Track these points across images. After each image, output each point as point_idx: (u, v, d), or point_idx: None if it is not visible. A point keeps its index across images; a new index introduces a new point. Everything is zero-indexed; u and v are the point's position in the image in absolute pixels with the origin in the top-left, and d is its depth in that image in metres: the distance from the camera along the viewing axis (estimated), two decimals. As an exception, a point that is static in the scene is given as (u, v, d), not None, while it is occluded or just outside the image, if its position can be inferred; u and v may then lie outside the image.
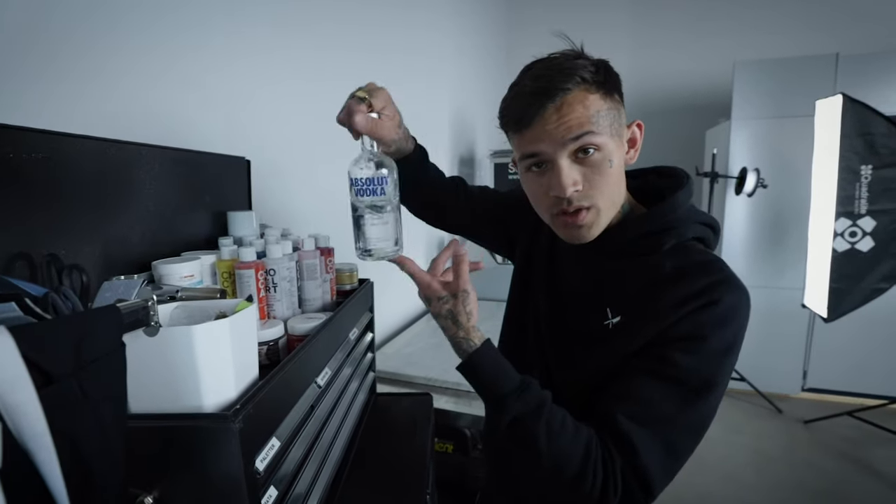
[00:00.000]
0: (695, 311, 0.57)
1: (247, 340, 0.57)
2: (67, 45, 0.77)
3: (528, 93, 0.59)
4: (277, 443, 0.58)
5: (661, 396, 0.56)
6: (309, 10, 1.47)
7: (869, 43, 3.15)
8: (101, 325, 0.42)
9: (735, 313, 0.57)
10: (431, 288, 0.65)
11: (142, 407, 0.50)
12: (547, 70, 0.58)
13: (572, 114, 0.57)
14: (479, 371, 0.62)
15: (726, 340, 0.57)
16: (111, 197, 0.74)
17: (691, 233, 0.64)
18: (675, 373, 0.56)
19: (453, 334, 0.64)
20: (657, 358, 0.58)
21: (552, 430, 0.56)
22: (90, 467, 0.40)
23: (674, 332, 0.58)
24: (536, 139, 0.59)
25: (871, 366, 2.79)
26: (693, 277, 0.59)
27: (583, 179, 0.59)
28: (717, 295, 0.57)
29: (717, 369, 0.57)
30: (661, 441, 0.55)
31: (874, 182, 2.24)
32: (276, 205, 1.32)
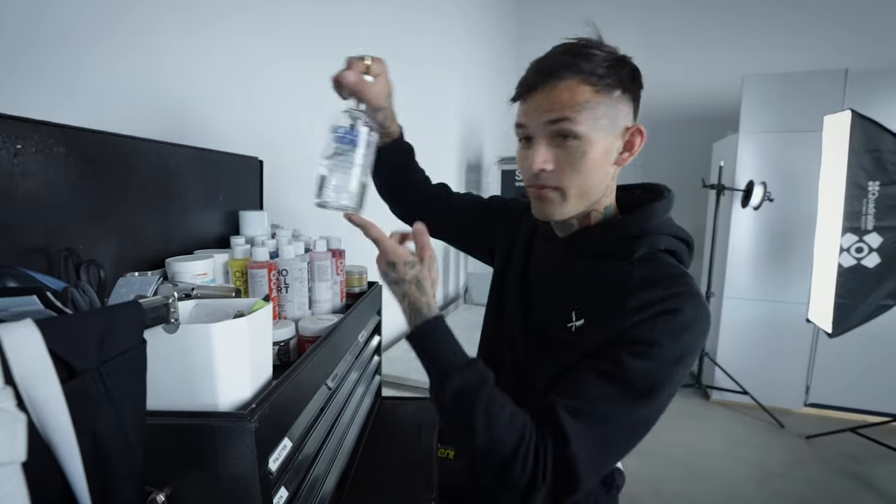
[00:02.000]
0: (653, 316, 0.58)
1: (262, 340, 0.57)
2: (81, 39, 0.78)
3: (534, 71, 0.63)
4: (289, 443, 0.58)
5: (603, 395, 0.57)
6: (320, 13, 1.48)
7: (878, 59, 3.15)
8: (124, 320, 0.42)
9: (692, 326, 0.58)
10: (398, 252, 0.63)
11: (157, 404, 0.50)
12: (557, 54, 0.62)
13: (557, 98, 0.60)
14: (432, 339, 0.62)
15: (678, 350, 0.58)
16: (127, 193, 0.75)
17: (664, 244, 0.65)
18: (623, 374, 0.57)
19: (415, 299, 0.63)
20: (608, 358, 0.58)
21: (490, 410, 0.56)
22: (111, 463, 0.40)
23: (629, 334, 0.59)
24: (526, 112, 0.64)
25: (875, 382, 2.78)
26: (659, 286, 0.60)
27: (554, 161, 0.62)
28: (678, 305, 0.58)
29: (665, 377, 0.57)
30: (596, 436, 0.56)
31: (881, 198, 2.24)
32: (287, 205, 1.32)
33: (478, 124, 3.24)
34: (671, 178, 4.01)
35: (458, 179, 3.04)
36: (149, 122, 0.89)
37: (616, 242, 0.66)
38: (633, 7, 3.83)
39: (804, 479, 2.28)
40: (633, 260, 0.64)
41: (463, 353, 0.62)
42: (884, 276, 2.27)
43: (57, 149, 0.61)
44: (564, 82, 0.60)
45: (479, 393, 0.57)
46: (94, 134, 0.68)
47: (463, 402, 0.57)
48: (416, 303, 0.63)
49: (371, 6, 1.78)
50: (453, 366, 0.60)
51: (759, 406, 2.85)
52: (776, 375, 2.91)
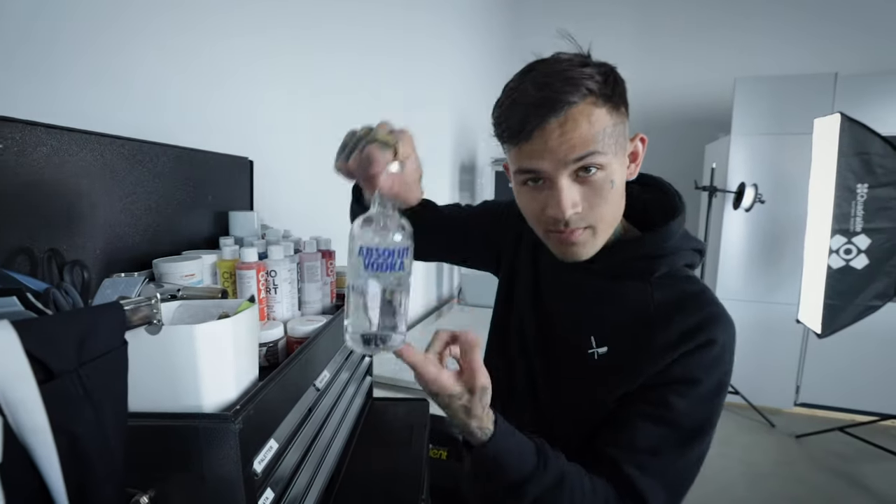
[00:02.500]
0: (689, 352, 0.58)
1: (248, 341, 0.57)
2: (71, 39, 0.77)
3: (529, 102, 0.53)
4: (275, 445, 0.58)
5: (661, 443, 0.57)
6: (313, 12, 1.48)
7: (868, 63, 3.19)
8: (104, 322, 0.42)
9: (726, 352, 0.59)
10: (440, 383, 0.51)
11: (141, 405, 0.49)
12: (550, 78, 0.53)
13: (577, 130, 0.52)
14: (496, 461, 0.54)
15: (718, 380, 0.58)
16: (113, 193, 0.74)
17: (682, 260, 0.64)
18: (673, 416, 0.57)
19: (464, 423, 0.54)
20: (654, 402, 0.58)
21: (574, 500, 0.55)
22: (89, 465, 0.39)
23: (669, 374, 0.58)
24: (536, 155, 0.54)
25: (863, 382, 2.80)
26: (685, 313, 0.59)
27: (582, 200, 0.56)
28: (711, 335, 0.58)
29: (712, 409, 0.59)
30: (666, 486, 0.57)
31: (870, 201, 2.26)
32: (278, 206, 1.31)
33: (472, 125, 3.24)
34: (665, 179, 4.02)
35: (452, 181, 3.04)
36: (138, 121, 0.88)
37: (633, 263, 0.63)
38: (626, 10, 3.85)
39: (794, 478, 2.30)
40: (651, 280, 0.63)
41: (530, 456, 0.55)
42: (872, 278, 2.30)
43: (41, 148, 0.61)
44: (577, 108, 0.52)
45: (560, 492, 0.55)
46: (79, 134, 0.67)
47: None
48: (470, 428, 0.54)
49: (364, 4, 1.78)
50: (525, 476, 0.54)
51: (750, 406, 2.87)
52: (767, 375, 2.93)
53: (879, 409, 2.67)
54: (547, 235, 0.62)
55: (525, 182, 0.59)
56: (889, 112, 2.59)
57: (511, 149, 0.58)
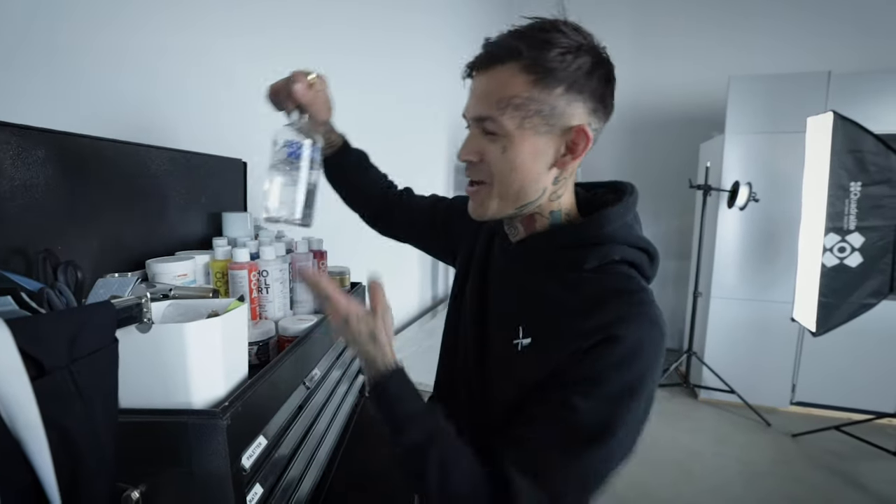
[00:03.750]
0: (595, 346, 0.54)
1: (237, 339, 0.58)
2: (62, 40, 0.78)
3: (482, 49, 0.59)
4: (264, 441, 0.59)
5: (552, 442, 0.53)
6: (308, 13, 1.49)
7: (861, 61, 3.21)
8: (96, 320, 0.43)
9: (638, 352, 0.53)
10: (350, 307, 0.60)
11: (132, 402, 0.51)
12: (512, 31, 0.57)
13: (486, 87, 0.57)
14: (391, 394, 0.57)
15: (627, 382, 0.53)
16: (107, 195, 0.76)
17: (619, 254, 0.59)
18: (570, 417, 0.53)
19: (371, 355, 0.59)
20: (552, 400, 0.55)
21: (444, 466, 0.53)
22: (80, 459, 0.41)
23: (574, 371, 0.55)
24: (469, 97, 0.60)
25: (859, 381, 2.82)
26: (604, 310, 0.55)
27: (479, 154, 0.60)
28: (620, 332, 0.53)
29: (617, 413, 0.53)
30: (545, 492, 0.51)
31: (863, 199, 2.27)
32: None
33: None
34: (659, 179, 4.03)
35: (447, 181, 3.06)
36: (132, 124, 0.90)
37: (563, 252, 0.61)
38: (622, 10, 3.87)
39: (790, 476, 2.31)
40: (584, 270, 0.59)
41: (419, 405, 0.58)
42: (866, 276, 2.31)
43: (37, 152, 0.62)
44: (502, 68, 0.56)
45: (432, 448, 0.54)
46: (74, 137, 0.69)
47: (417, 457, 0.54)
48: (373, 360, 0.59)
49: (359, 4, 1.80)
50: (408, 420, 0.56)
51: (746, 405, 2.88)
52: (763, 374, 2.95)
53: (875, 408, 2.68)
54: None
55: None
56: (882, 110, 2.61)
57: None
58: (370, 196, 0.91)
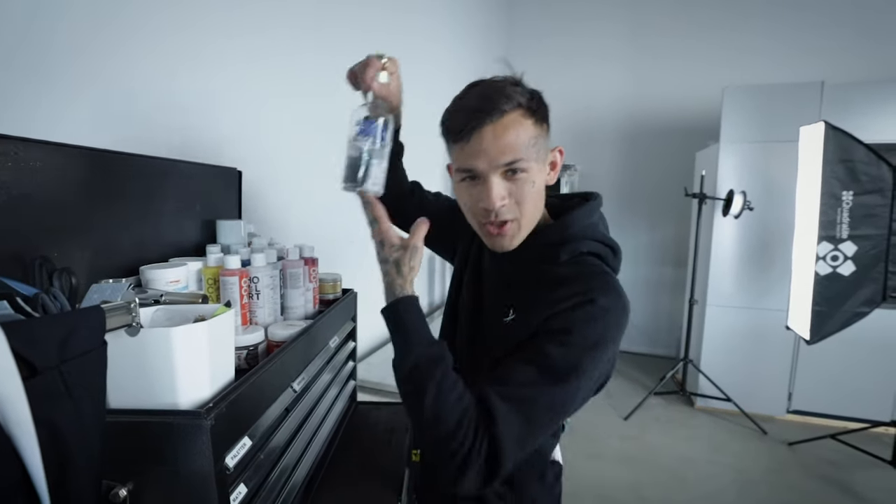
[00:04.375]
0: (569, 308, 0.64)
1: (223, 344, 0.61)
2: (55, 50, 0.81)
3: (470, 108, 0.65)
4: (249, 442, 0.62)
5: (527, 379, 0.62)
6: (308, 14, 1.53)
7: (854, 72, 3.24)
8: (86, 323, 0.46)
9: (605, 313, 0.64)
10: (389, 234, 0.70)
11: (121, 402, 0.53)
12: (489, 90, 0.65)
13: (506, 136, 0.63)
14: (399, 315, 0.67)
15: (593, 337, 0.63)
16: (103, 204, 0.78)
17: (585, 248, 0.71)
18: (544, 361, 0.63)
19: (392, 279, 0.69)
20: (532, 347, 0.65)
21: (442, 386, 0.61)
22: (69, 456, 0.43)
23: (549, 325, 0.65)
24: (473, 155, 0.65)
25: (854, 389, 2.82)
26: (578, 282, 0.67)
27: (509, 195, 0.67)
28: (593, 296, 0.64)
29: (583, 360, 0.63)
30: (519, 416, 0.60)
31: (855, 208, 2.29)
32: (267, 215, 1.36)
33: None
34: (656, 187, 4.05)
35: (446, 187, 3.09)
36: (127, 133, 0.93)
37: (542, 249, 0.72)
38: (617, 25, 3.92)
39: (786, 485, 2.31)
40: (559, 263, 0.71)
41: (427, 332, 0.67)
42: (859, 284, 2.32)
43: (34, 163, 0.65)
44: (509, 117, 0.64)
45: (435, 368, 0.63)
46: (70, 149, 0.71)
47: (419, 375, 0.62)
48: (393, 283, 0.69)
49: (358, 9, 1.83)
50: (416, 341, 0.65)
51: (742, 413, 2.88)
52: (759, 382, 2.95)
53: (871, 417, 2.69)
54: (480, 228, 0.72)
55: (463, 179, 0.70)
56: (874, 120, 2.63)
57: (454, 148, 0.69)
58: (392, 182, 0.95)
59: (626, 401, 3.11)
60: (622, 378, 3.59)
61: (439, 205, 1.00)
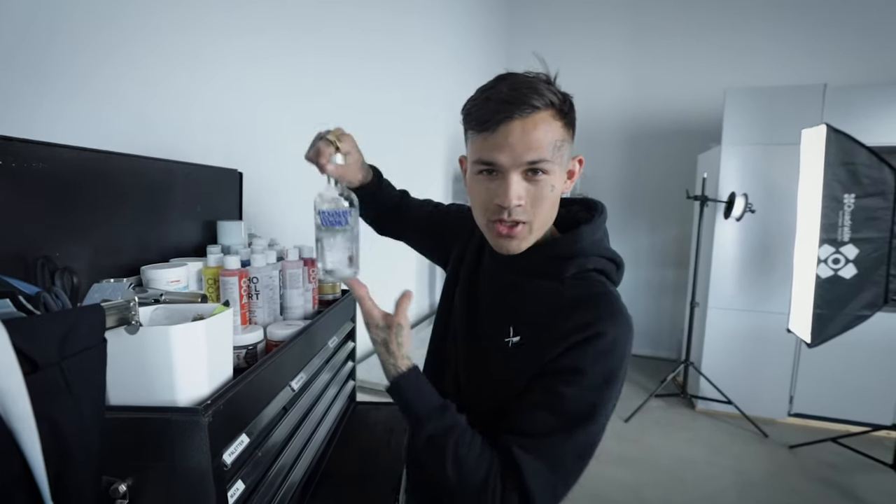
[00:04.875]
0: (579, 343, 0.63)
1: (222, 342, 0.62)
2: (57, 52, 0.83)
3: (501, 99, 0.61)
4: (247, 439, 0.62)
5: (548, 428, 0.63)
6: (308, 15, 1.54)
7: (856, 74, 3.23)
8: (86, 321, 0.47)
9: (614, 347, 0.63)
10: (372, 315, 0.71)
11: (121, 399, 0.54)
12: (521, 84, 0.62)
13: (535, 133, 0.60)
14: (402, 393, 0.67)
15: (606, 371, 0.63)
16: (104, 204, 0.79)
17: (592, 264, 0.69)
18: (558, 403, 0.63)
19: (384, 360, 0.70)
20: (545, 390, 0.64)
21: (458, 452, 0.62)
22: (68, 450, 0.44)
23: (560, 363, 0.64)
24: (497, 148, 0.62)
25: (856, 393, 2.81)
26: (584, 308, 0.65)
27: (526, 196, 0.64)
28: (601, 329, 0.63)
29: (598, 399, 0.63)
30: (547, 464, 0.61)
31: (857, 210, 2.29)
32: (268, 216, 1.37)
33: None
34: (658, 189, 4.04)
35: (445, 189, 3.09)
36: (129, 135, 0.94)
37: (548, 262, 0.70)
38: (619, 23, 3.92)
39: (786, 488, 2.31)
40: (564, 279, 0.69)
41: (433, 401, 0.67)
42: (860, 287, 2.32)
43: (36, 164, 0.66)
44: (539, 115, 0.61)
45: (448, 438, 0.63)
46: (72, 150, 0.72)
47: (435, 446, 0.63)
48: (386, 363, 0.70)
49: (358, 9, 1.84)
50: (424, 416, 0.65)
51: (743, 416, 2.87)
52: (760, 385, 2.95)
53: (872, 420, 2.68)
54: (488, 225, 0.68)
55: (480, 171, 0.66)
56: (877, 122, 2.63)
57: (475, 138, 0.65)
58: (377, 205, 0.94)
59: (627, 403, 3.10)
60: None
61: (429, 210, 0.98)
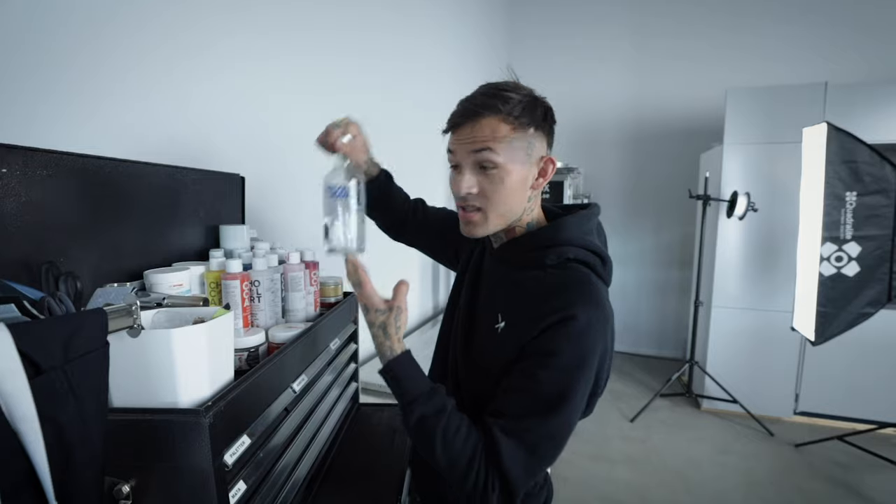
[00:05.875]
0: (553, 325, 0.67)
1: (223, 345, 0.62)
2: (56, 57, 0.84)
3: (461, 109, 0.73)
4: (248, 440, 0.63)
5: (523, 410, 0.67)
6: (305, 25, 1.55)
7: (857, 73, 3.22)
8: (88, 324, 0.48)
9: (587, 329, 0.66)
10: (373, 299, 0.75)
11: (123, 401, 0.55)
12: (481, 94, 0.72)
13: (479, 133, 0.70)
14: (395, 376, 0.71)
15: (577, 355, 0.67)
16: (108, 210, 0.80)
17: (573, 254, 0.73)
18: (534, 387, 0.67)
19: (381, 342, 0.74)
20: (522, 373, 0.69)
21: (447, 434, 0.66)
22: (72, 452, 0.45)
23: (536, 345, 0.68)
24: (454, 143, 0.74)
25: (862, 390, 2.80)
26: (561, 293, 0.69)
27: (478, 186, 0.72)
28: (574, 311, 0.66)
29: (570, 382, 0.66)
30: (525, 447, 0.66)
31: (859, 208, 2.28)
32: (270, 220, 1.38)
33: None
34: (661, 189, 4.04)
35: (447, 193, 3.10)
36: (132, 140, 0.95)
37: (530, 253, 0.75)
38: (621, 23, 3.92)
39: (792, 486, 2.30)
40: (546, 267, 0.73)
41: (423, 384, 0.71)
42: (864, 285, 2.31)
43: (40, 171, 0.67)
44: (485, 119, 0.70)
45: (438, 420, 0.67)
46: (76, 157, 0.74)
47: (424, 428, 0.67)
48: (382, 345, 0.74)
49: (361, 11, 1.86)
50: (414, 397, 0.69)
51: (748, 414, 2.86)
52: (765, 384, 2.93)
53: (879, 418, 2.66)
54: (458, 211, 0.78)
55: (452, 167, 0.76)
56: (878, 121, 2.62)
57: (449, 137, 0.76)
58: (390, 210, 1.03)
59: (632, 403, 3.10)
60: (628, 380, 3.59)
61: (442, 217, 1.05)
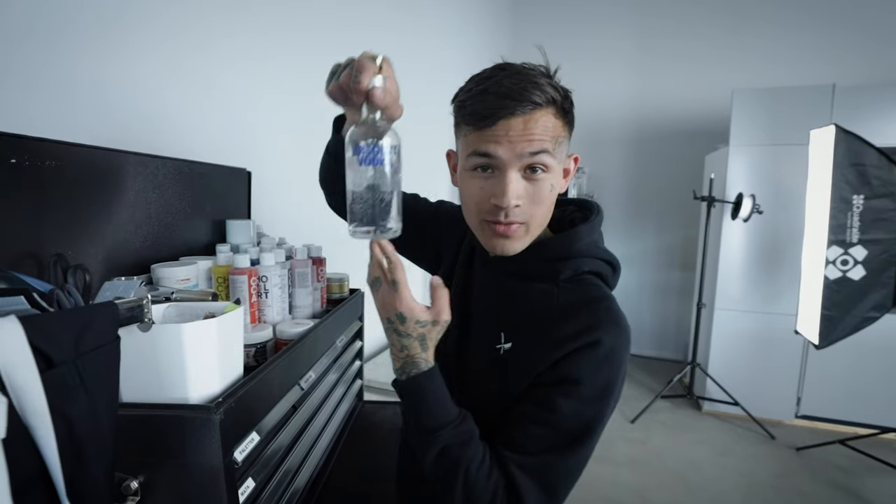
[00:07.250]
0: (576, 350, 0.60)
1: (232, 340, 0.62)
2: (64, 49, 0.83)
3: (501, 93, 0.57)
4: (257, 437, 0.63)
5: (545, 444, 0.60)
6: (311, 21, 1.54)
7: (865, 75, 3.21)
8: (99, 318, 0.47)
9: (612, 356, 0.60)
10: (415, 309, 0.60)
11: (133, 397, 0.55)
12: (521, 77, 0.58)
13: (536, 128, 0.57)
14: (423, 395, 0.60)
15: (604, 382, 0.60)
16: (116, 203, 0.80)
17: (588, 266, 0.66)
18: (556, 419, 0.59)
19: (415, 353, 0.60)
20: (541, 402, 0.61)
21: (470, 469, 0.58)
22: (83, 446, 0.44)
23: (556, 373, 0.61)
24: (494, 141, 0.58)
25: (864, 395, 2.78)
26: (580, 314, 0.62)
27: (525, 196, 0.60)
28: (598, 336, 0.59)
29: (595, 412, 0.60)
30: (543, 487, 0.59)
31: (865, 212, 2.27)
32: (276, 215, 1.37)
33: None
34: (665, 190, 4.02)
35: (452, 189, 3.09)
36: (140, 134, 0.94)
37: (543, 265, 0.66)
38: (625, 23, 3.91)
39: (793, 490, 2.29)
40: (559, 282, 0.65)
41: (453, 408, 0.61)
42: (869, 289, 2.30)
43: (49, 163, 0.67)
44: (541, 111, 0.57)
45: (466, 451, 0.59)
46: (84, 149, 0.73)
47: (447, 460, 0.58)
48: (416, 356, 0.60)
49: (364, 9, 1.85)
50: (442, 423, 0.59)
51: (750, 417, 2.86)
52: (767, 387, 2.92)
53: (881, 422, 2.65)
54: (482, 225, 0.64)
55: (475, 168, 0.61)
56: (886, 123, 2.60)
57: (470, 132, 0.61)
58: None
59: (633, 404, 3.09)
60: (629, 381, 3.58)
61: (416, 209, 0.88)
